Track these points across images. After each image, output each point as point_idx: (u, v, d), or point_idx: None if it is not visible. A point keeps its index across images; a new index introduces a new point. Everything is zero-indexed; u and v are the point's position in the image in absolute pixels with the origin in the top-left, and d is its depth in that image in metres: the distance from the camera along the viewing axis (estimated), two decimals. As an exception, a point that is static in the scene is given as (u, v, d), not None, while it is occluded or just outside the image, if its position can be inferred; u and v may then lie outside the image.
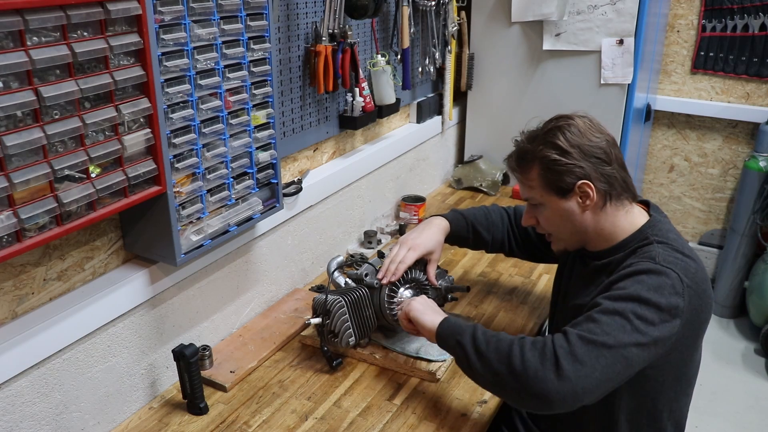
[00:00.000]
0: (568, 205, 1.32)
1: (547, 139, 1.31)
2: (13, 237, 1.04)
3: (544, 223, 1.38)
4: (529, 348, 1.19)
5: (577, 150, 1.29)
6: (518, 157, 1.37)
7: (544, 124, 1.37)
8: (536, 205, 1.37)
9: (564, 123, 1.32)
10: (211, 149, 1.39)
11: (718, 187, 3.22)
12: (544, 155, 1.30)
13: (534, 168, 1.33)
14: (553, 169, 1.30)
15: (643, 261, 1.25)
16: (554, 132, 1.31)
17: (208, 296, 1.61)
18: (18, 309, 1.20)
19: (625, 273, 1.24)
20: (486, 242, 1.69)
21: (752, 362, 2.91)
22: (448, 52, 2.54)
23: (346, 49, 1.83)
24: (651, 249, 1.27)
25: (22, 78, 0.99)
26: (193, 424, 1.39)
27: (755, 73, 2.94)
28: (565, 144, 1.29)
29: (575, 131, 1.30)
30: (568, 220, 1.33)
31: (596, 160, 1.29)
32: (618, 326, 1.16)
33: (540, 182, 1.33)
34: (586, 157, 1.29)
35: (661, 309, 1.18)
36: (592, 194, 1.29)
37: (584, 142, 1.29)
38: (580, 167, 1.28)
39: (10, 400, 1.17)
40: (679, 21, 3.04)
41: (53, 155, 1.06)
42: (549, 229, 1.39)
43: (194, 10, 1.27)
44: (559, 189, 1.31)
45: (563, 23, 2.41)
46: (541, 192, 1.34)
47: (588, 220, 1.32)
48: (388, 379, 1.53)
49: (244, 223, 1.53)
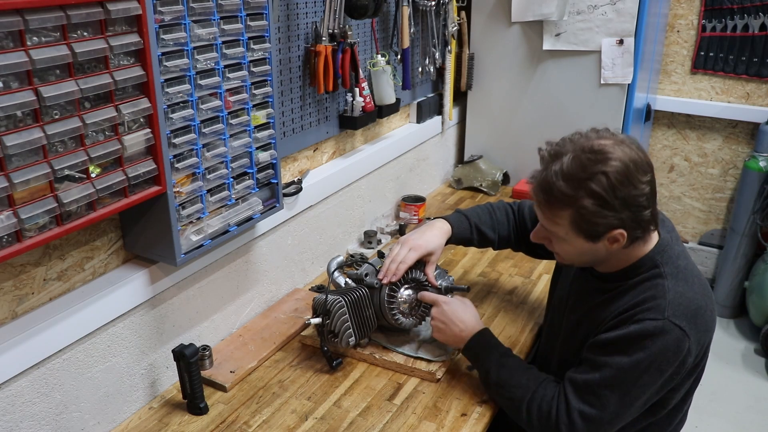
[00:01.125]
0: (593, 247, 1.23)
1: (589, 186, 1.14)
2: (13, 237, 1.04)
3: (559, 250, 1.31)
4: (536, 415, 1.29)
5: (620, 201, 1.15)
6: (548, 193, 1.20)
7: (585, 155, 1.16)
8: (555, 236, 1.27)
9: (609, 168, 1.13)
10: (211, 149, 1.39)
11: (718, 187, 3.22)
12: (583, 205, 1.16)
13: (566, 211, 1.19)
14: (589, 220, 1.17)
15: (651, 314, 1.19)
16: (598, 178, 1.14)
17: (208, 296, 1.61)
18: (18, 309, 1.20)
19: (630, 334, 1.20)
20: (492, 241, 1.68)
21: (752, 362, 2.91)
22: (448, 52, 2.54)
23: (346, 49, 1.83)
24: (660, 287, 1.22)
25: (22, 78, 0.99)
26: (193, 424, 1.39)
27: (755, 73, 2.94)
28: (608, 195, 1.14)
29: (622, 178, 1.13)
30: (588, 255, 1.27)
31: (636, 209, 1.16)
32: (617, 399, 1.23)
33: (569, 224, 1.21)
34: (628, 207, 1.16)
35: (663, 373, 1.21)
36: (622, 240, 1.20)
37: (629, 192, 1.14)
38: (619, 219, 1.16)
39: (10, 400, 1.17)
40: (679, 21, 3.04)
41: (53, 155, 1.06)
42: (562, 255, 1.32)
43: (194, 10, 1.27)
44: (590, 234, 1.20)
45: (563, 23, 2.41)
46: (567, 231, 1.22)
47: (607, 254, 1.26)
48: (388, 379, 1.53)
49: (244, 223, 1.53)
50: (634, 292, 1.26)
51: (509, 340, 1.67)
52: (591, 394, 1.25)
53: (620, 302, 1.27)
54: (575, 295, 1.42)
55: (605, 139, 1.19)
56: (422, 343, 1.59)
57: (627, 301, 1.26)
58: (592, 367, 1.26)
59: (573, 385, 1.27)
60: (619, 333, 1.22)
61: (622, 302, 1.26)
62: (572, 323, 1.39)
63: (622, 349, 1.22)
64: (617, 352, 1.22)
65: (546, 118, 2.58)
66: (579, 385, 1.27)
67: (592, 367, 1.25)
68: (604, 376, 1.23)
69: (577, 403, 1.25)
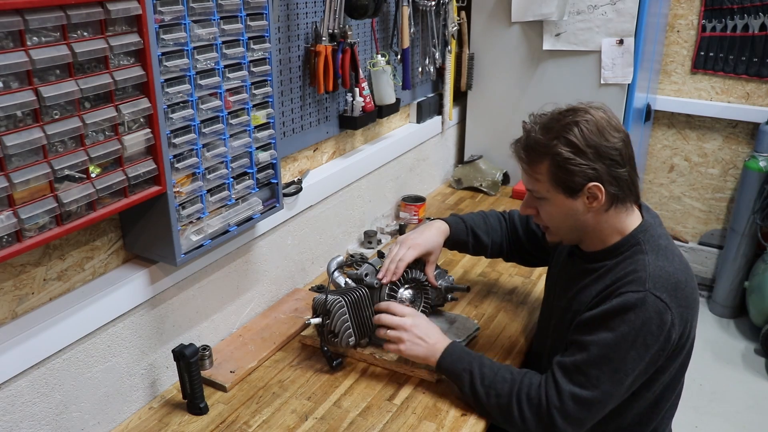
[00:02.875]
0: (573, 204, 1.28)
1: (563, 135, 1.23)
2: (13, 237, 1.04)
3: (544, 216, 1.35)
4: (527, 405, 1.29)
5: (593, 150, 1.22)
6: (528, 147, 1.29)
7: (559, 113, 1.28)
8: (539, 197, 1.32)
9: (581, 118, 1.24)
10: (211, 149, 1.39)
11: (718, 187, 3.22)
12: (558, 152, 1.23)
13: (544, 162, 1.26)
14: (565, 168, 1.24)
15: (632, 287, 1.23)
16: (571, 127, 1.23)
17: (208, 296, 1.61)
18: (18, 309, 1.20)
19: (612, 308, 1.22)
20: (485, 246, 1.69)
21: (752, 362, 2.91)
22: (448, 52, 2.54)
23: (346, 49, 1.83)
24: (641, 262, 1.26)
25: (22, 78, 0.99)
26: (193, 424, 1.39)
27: (755, 73, 2.94)
28: (581, 142, 1.22)
29: (593, 128, 1.22)
30: (570, 217, 1.30)
31: (610, 162, 1.23)
32: (607, 377, 1.23)
33: (548, 177, 1.27)
34: (601, 158, 1.23)
35: (649, 348, 1.22)
36: (601, 197, 1.25)
37: (601, 142, 1.22)
38: (593, 169, 1.23)
39: (10, 400, 1.17)
40: (679, 21, 3.04)
41: (53, 155, 1.06)
42: (548, 222, 1.36)
43: (194, 10, 1.27)
44: (568, 188, 1.26)
45: (563, 23, 2.41)
46: (548, 187, 1.28)
47: (590, 220, 1.30)
48: (388, 379, 1.53)
49: (244, 223, 1.53)
50: (617, 269, 1.29)
51: (509, 340, 1.67)
52: (580, 375, 1.25)
53: (603, 281, 1.30)
54: (562, 281, 1.44)
55: (580, 104, 1.30)
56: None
57: (610, 278, 1.29)
58: (579, 347, 1.26)
59: (561, 368, 1.28)
60: (602, 309, 1.24)
61: (605, 281, 1.29)
62: (560, 311, 1.41)
63: (606, 324, 1.23)
64: (602, 329, 1.23)
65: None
66: (567, 366, 1.27)
67: (579, 347, 1.26)
68: (592, 355, 1.24)
69: (567, 385, 1.25)
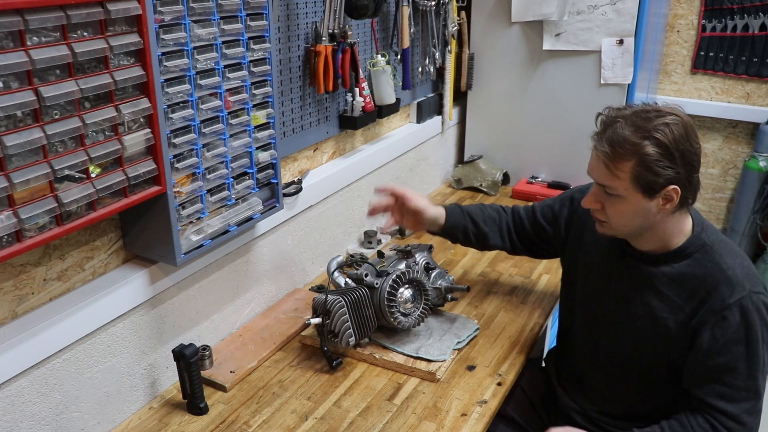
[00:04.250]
0: (647, 205, 1.27)
1: (654, 134, 1.21)
2: (13, 237, 1.04)
3: (613, 212, 1.31)
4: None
5: (680, 154, 1.22)
6: (614, 142, 1.24)
7: (645, 111, 1.26)
8: (611, 194, 1.29)
9: (672, 120, 1.22)
10: (211, 149, 1.39)
11: (718, 187, 3.22)
12: (648, 152, 1.21)
13: (630, 161, 1.23)
14: (651, 169, 1.22)
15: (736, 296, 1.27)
16: (662, 128, 1.21)
17: (208, 296, 1.61)
18: (18, 309, 1.20)
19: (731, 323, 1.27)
20: (484, 234, 1.68)
21: (752, 362, 2.90)
22: (448, 52, 2.54)
23: (346, 49, 1.83)
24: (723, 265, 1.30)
25: (22, 78, 0.99)
26: (193, 424, 1.39)
27: (755, 73, 2.94)
28: (672, 144, 1.21)
29: (682, 132, 1.22)
30: (639, 217, 1.29)
31: (690, 167, 1.24)
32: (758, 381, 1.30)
33: (630, 176, 1.24)
34: (685, 162, 1.23)
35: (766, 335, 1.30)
36: (675, 199, 1.25)
37: (687, 148, 1.22)
38: (677, 172, 1.22)
39: (10, 400, 1.17)
40: (679, 21, 3.04)
41: (53, 155, 1.06)
42: (614, 219, 1.32)
43: (194, 10, 1.27)
44: (648, 188, 1.24)
45: (563, 23, 2.41)
46: (627, 185, 1.25)
47: (657, 221, 1.30)
48: (388, 379, 1.53)
49: (244, 223, 1.53)
50: (697, 275, 1.31)
51: (509, 340, 1.67)
52: (741, 391, 1.30)
53: (686, 288, 1.32)
54: (617, 285, 1.43)
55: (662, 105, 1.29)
56: (422, 343, 1.59)
57: (695, 286, 1.31)
58: (723, 373, 1.29)
59: (722, 398, 1.30)
60: (723, 329, 1.28)
61: (688, 288, 1.32)
62: (627, 316, 1.40)
63: (735, 339, 1.27)
64: (733, 345, 1.28)
65: (546, 118, 2.57)
66: (725, 393, 1.30)
67: (723, 372, 1.29)
68: (740, 369, 1.28)
69: (737, 407, 1.29)
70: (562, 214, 1.60)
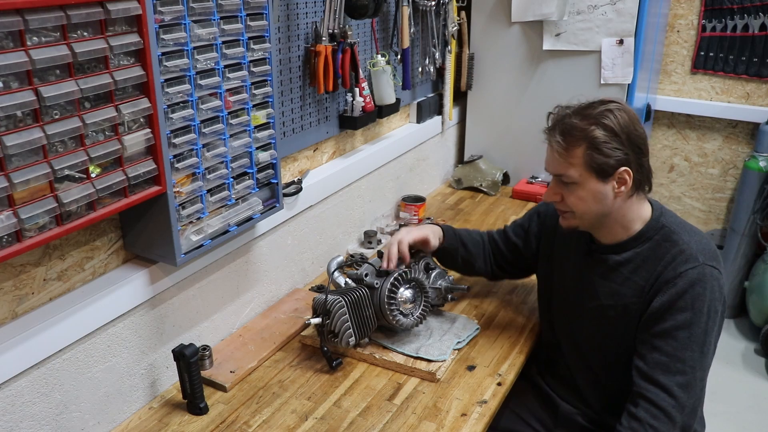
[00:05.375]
0: (603, 188, 1.33)
1: (600, 120, 1.31)
2: (13, 237, 1.04)
3: (572, 201, 1.38)
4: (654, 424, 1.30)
5: (626, 136, 1.30)
6: (565, 132, 1.34)
7: (589, 103, 1.36)
8: (568, 183, 1.36)
9: (615, 107, 1.32)
10: (211, 149, 1.39)
11: (718, 187, 3.22)
12: (596, 135, 1.30)
13: (581, 146, 1.32)
14: (601, 151, 1.30)
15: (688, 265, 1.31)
16: (607, 114, 1.31)
17: (208, 296, 1.61)
18: (18, 309, 1.20)
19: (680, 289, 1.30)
20: (473, 256, 1.73)
21: (752, 362, 2.90)
22: (448, 52, 2.54)
23: (346, 49, 1.83)
24: (680, 242, 1.34)
25: (22, 78, 0.99)
26: (193, 424, 1.39)
27: (755, 73, 2.93)
28: (617, 127, 1.30)
29: (625, 117, 1.31)
30: (598, 202, 1.35)
31: (638, 150, 1.32)
32: (698, 354, 1.30)
33: (582, 161, 1.32)
34: (632, 144, 1.31)
35: (717, 314, 1.32)
36: (629, 182, 1.32)
37: (632, 130, 1.31)
38: (625, 153, 1.31)
39: (10, 400, 1.17)
40: (679, 21, 3.04)
41: (53, 155, 1.06)
42: (575, 207, 1.38)
43: (194, 10, 1.27)
44: (601, 171, 1.32)
45: (563, 23, 2.41)
46: (581, 171, 1.33)
47: (615, 206, 1.36)
48: (388, 379, 1.53)
49: (244, 223, 1.53)
50: (656, 254, 1.36)
51: (509, 340, 1.67)
52: (677, 362, 1.30)
53: (646, 269, 1.36)
54: (586, 281, 1.46)
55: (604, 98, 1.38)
56: (422, 343, 1.59)
57: (654, 265, 1.36)
58: (662, 338, 1.31)
59: (658, 367, 1.31)
60: (669, 294, 1.31)
61: (648, 269, 1.36)
62: (599, 309, 1.43)
63: (680, 306, 1.30)
64: (677, 312, 1.30)
65: (546, 118, 2.57)
66: (661, 362, 1.31)
67: (663, 337, 1.31)
68: (679, 339, 1.30)
69: (671, 380, 1.30)
70: (531, 229, 1.68)
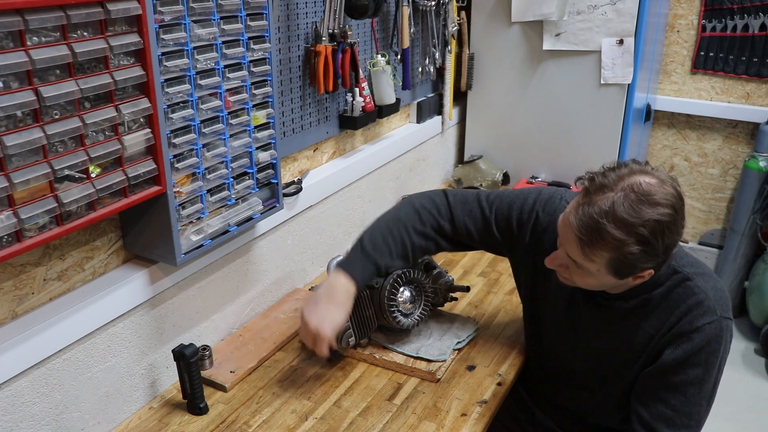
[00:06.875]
0: (619, 282, 1.23)
1: (642, 234, 1.10)
2: (13, 237, 1.04)
3: (578, 279, 1.26)
4: None
5: (664, 248, 1.14)
6: (594, 234, 1.13)
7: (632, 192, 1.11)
8: (580, 266, 1.21)
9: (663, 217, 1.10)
10: (211, 149, 1.39)
11: (718, 187, 3.22)
12: (630, 251, 1.12)
13: (608, 253, 1.14)
14: (630, 263, 1.15)
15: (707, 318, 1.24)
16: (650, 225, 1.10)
17: (208, 296, 1.61)
18: (18, 309, 1.20)
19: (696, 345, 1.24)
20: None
21: (752, 362, 2.90)
22: (448, 52, 2.54)
23: (346, 49, 1.83)
24: (696, 289, 1.26)
25: (22, 78, 0.99)
26: (193, 424, 1.39)
27: (755, 73, 2.94)
28: (657, 242, 1.12)
29: (670, 225, 1.12)
30: (605, 286, 1.28)
31: (670, 251, 1.18)
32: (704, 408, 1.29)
33: (605, 262, 1.16)
34: (666, 252, 1.16)
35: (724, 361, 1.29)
36: (647, 278, 1.21)
37: (673, 239, 1.14)
38: (657, 262, 1.18)
39: (10, 400, 1.17)
40: (679, 21, 3.04)
41: (53, 155, 1.06)
42: (579, 282, 1.27)
43: (194, 10, 1.27)
44: (622, 274, 1.19)
45: (563, 23, 2.41)
46: (600, 268, 1.18)
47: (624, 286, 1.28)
48: (388, 379, 1.53)
49: (244, 223, 1.53)
50: (669, 302, 1.27)
51: (509, 340, 1.67)
52: (684, 417, 1.27)
53: (659, 317, 1.29)
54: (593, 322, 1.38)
55: (649, 176, 1.14)
56: (422, 343, 1.59)
57: (667, 315, 1.27)
58: (670, 392, 1.28)
59: (663, 420, 1.28)
60: (684, 349, 1.25)
61: (661, 317, 1.28)
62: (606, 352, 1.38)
63: (695, 362, 1.25)
64: (691, 367, 1.25)
65: (546, 118, 2.58)
66: (667, 416, 1.28)
67: (671, 391, 1.27)
68: (689, 395, 1.27)
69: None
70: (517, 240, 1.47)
